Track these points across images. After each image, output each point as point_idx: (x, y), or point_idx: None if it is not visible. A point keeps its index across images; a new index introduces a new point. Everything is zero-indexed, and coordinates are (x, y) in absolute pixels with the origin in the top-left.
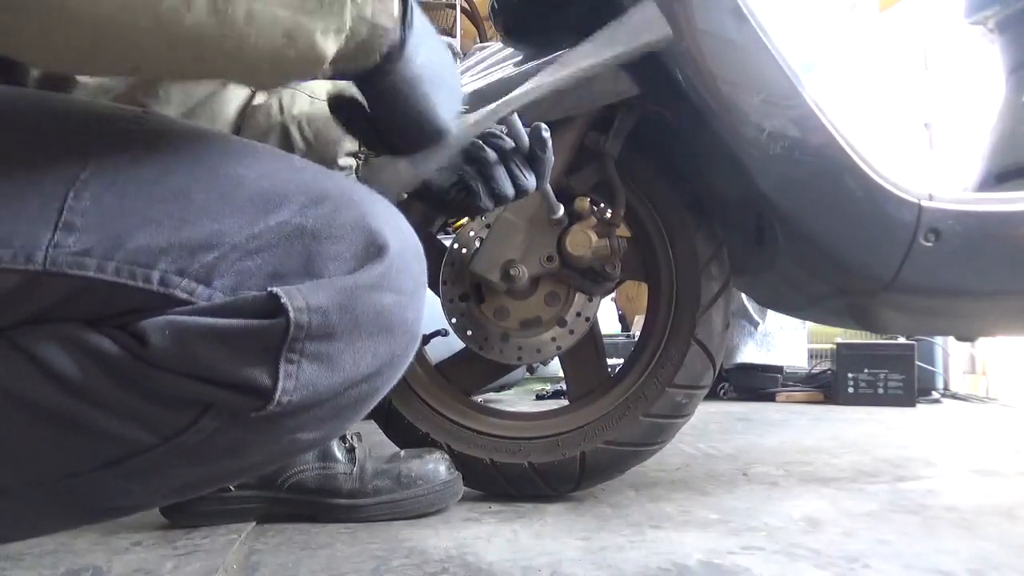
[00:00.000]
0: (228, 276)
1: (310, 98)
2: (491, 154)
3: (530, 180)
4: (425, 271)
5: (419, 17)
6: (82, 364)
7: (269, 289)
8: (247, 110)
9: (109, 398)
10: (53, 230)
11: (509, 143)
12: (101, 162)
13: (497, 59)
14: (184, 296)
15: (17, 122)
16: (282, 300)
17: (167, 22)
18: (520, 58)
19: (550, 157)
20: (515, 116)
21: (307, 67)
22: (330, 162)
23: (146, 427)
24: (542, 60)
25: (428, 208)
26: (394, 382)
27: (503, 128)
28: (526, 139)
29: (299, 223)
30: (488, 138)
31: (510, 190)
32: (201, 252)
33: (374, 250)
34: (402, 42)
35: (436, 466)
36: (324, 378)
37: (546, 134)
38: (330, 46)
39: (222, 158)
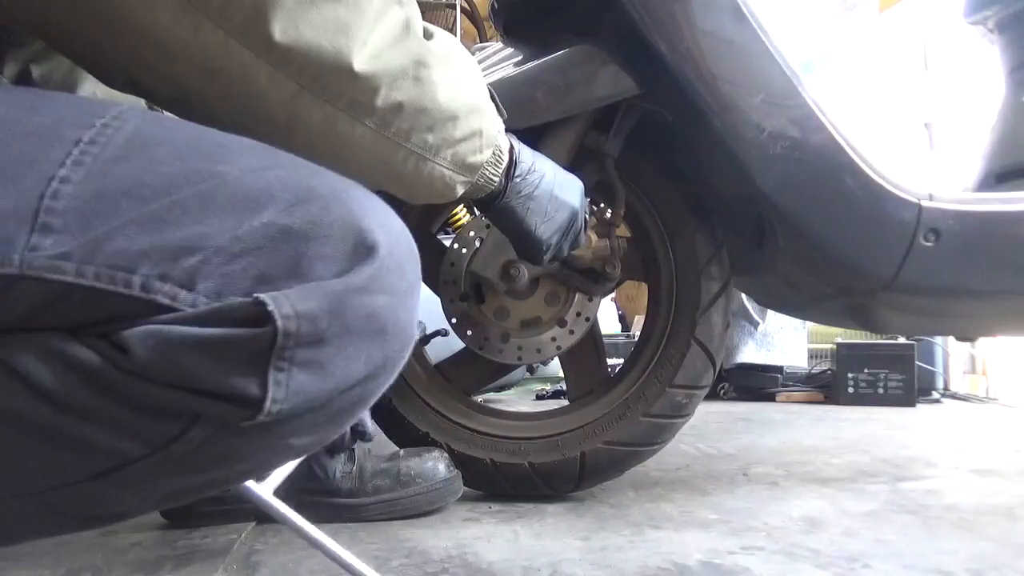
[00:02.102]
0: (212, 280)
1: None
2: None
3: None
4: (419, 270)
5: (532, 161)
6: (63, 376)
7: (255, 295)
8: None
9: (94, 410)
10: (29, 232)
11: None
12: (81, 159)
13: (497, 59)
14: (167, 301)
15: None
16: (269, 307)
17: (387, 160)
18: (520, 58)
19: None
20: None
21: (443, 200)
22: None
23: (134, 438)
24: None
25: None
26: (389, 383)
27: None
28: None
29: (285, 223)
30: None
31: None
32: (184, 255)
33: (363, 250)
34: (505, 187)
35: (435, 464)
36: (315, 385)
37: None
38: (461, 190)
39: (205, 155)
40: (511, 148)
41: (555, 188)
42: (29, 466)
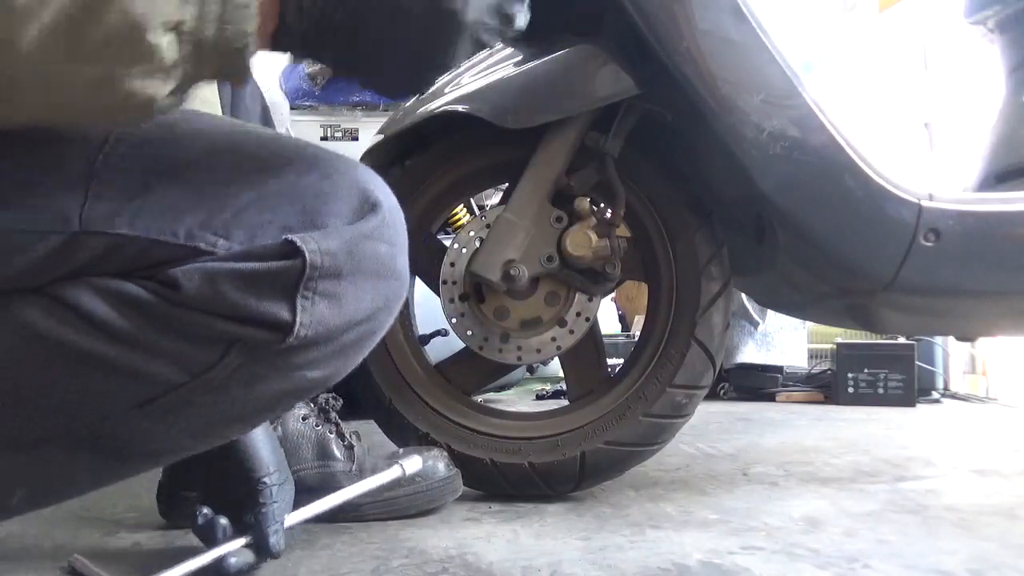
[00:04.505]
0: (244, 230)
1: None
2: None
3: None
4: (406, 228)
5: None
6: (119, 310)
7: (285, 236)
8: None
9: (145, 340)
10: (84, 198)
11: None
12: (121, 136)
13: (497, 59)
14: (207, 248)
15: None
16: (298, 244)
17: None
18: (520, 58)
19: None
20: None
21: (137, 113)
22: None
23: (178, 365)
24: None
25: None
26: (389, 325)
27: None
28: None
29: (303, 184)
30: None
31: None
32: (219, 211)
33: (368, 206)
34: (285, 17)
35: (434, 463)
36: (333, 314)
37: None
38: (169, 83)
39: (226, 135)
40: None
41: None
42: (82, 396)
